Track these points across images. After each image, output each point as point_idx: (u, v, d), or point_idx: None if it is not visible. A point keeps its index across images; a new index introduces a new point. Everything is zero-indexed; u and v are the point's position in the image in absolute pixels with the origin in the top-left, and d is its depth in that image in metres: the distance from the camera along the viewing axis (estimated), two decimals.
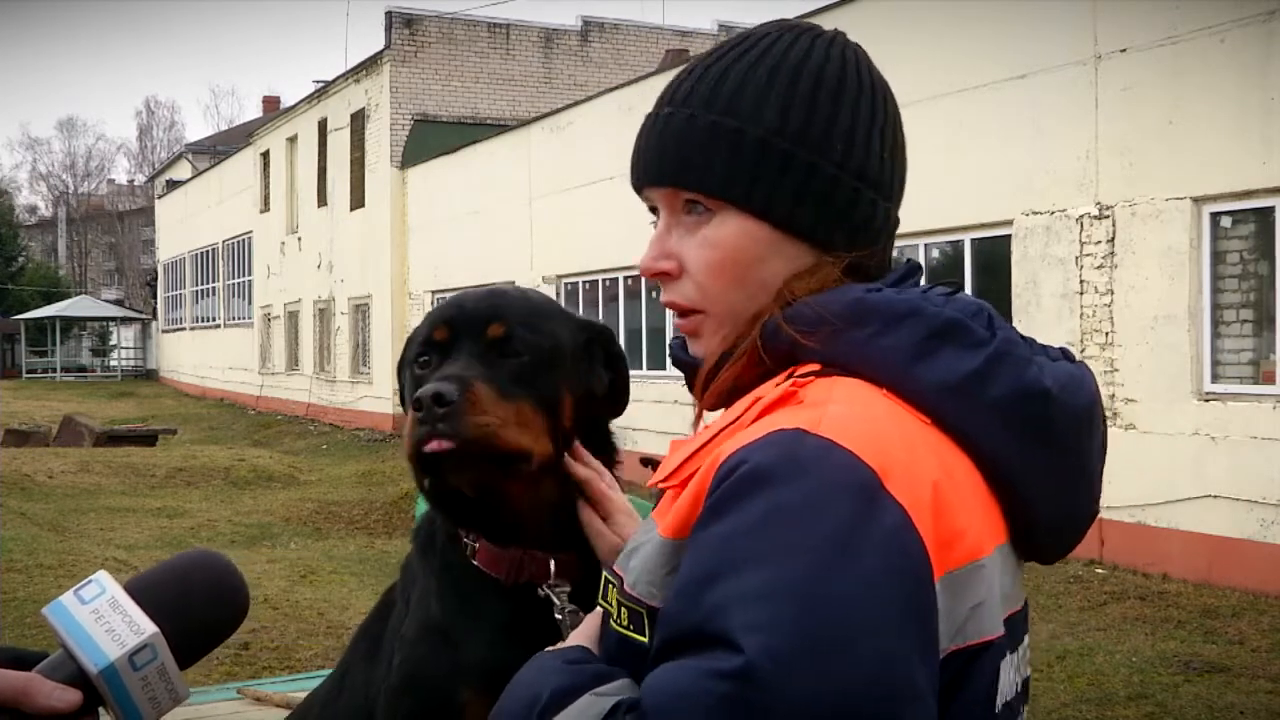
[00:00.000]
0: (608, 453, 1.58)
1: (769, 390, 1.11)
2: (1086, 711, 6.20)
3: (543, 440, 1.44)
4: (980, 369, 1.09)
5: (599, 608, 1.18)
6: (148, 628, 1.04)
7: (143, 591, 1.07)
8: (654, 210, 1.24)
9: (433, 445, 1.37)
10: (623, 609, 1.11)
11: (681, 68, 1.24)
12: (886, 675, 0.93)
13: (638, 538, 1.14)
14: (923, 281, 1.22)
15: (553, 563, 1.47)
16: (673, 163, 1.19)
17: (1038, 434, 1.11)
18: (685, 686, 0.93)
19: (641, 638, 1.07)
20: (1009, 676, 1.11)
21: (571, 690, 1.05)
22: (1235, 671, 6.82)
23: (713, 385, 1.18)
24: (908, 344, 1.09)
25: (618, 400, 1.60)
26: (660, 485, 1.14)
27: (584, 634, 1.19)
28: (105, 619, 1.04)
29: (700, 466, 1.08)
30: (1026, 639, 1.17)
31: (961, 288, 1.19)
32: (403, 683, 1.45)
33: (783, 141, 1.16)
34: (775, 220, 1.16)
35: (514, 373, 1.44)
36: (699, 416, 1.23)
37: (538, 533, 1.48)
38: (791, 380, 1.10)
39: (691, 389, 1.26)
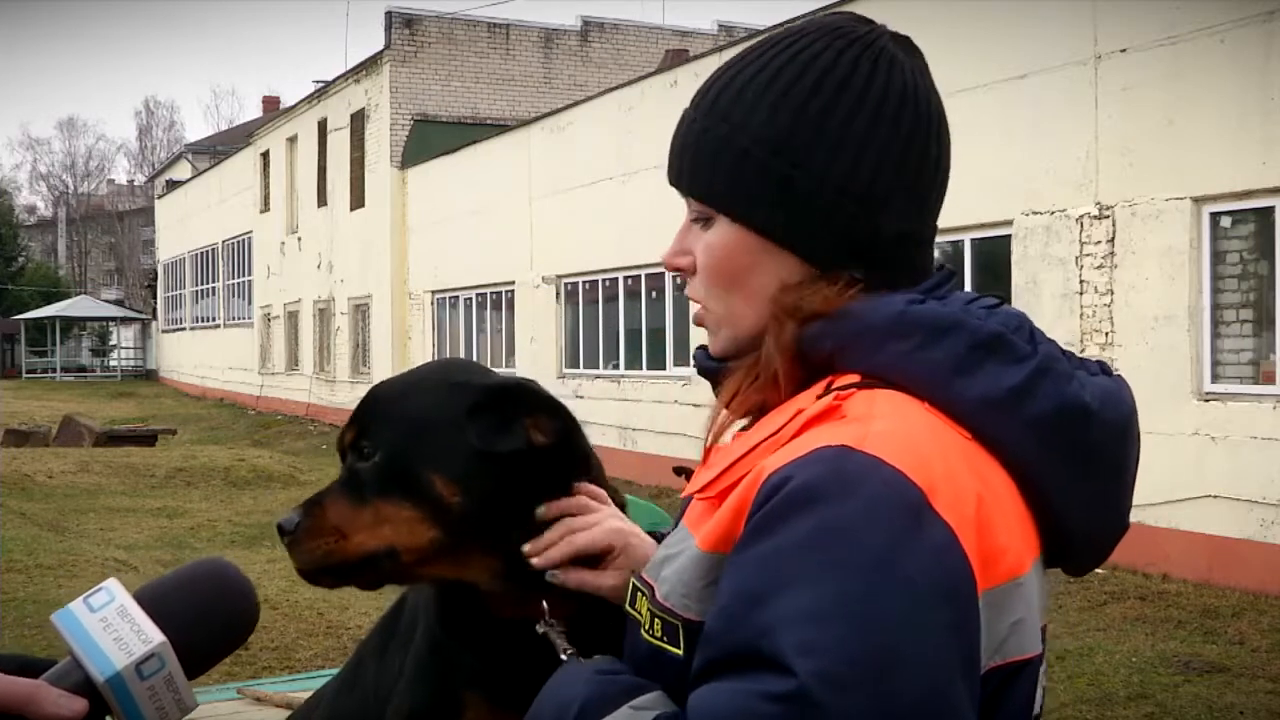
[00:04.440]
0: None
1: (808, 401, 1.09)
2: (1086, 711, 6.20)
3: (415, 531, 1.38)
4: (1023, 384, 1.08)
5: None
6: (155, 637, 1.03)
7: (152, 600, 1.06)
8: None
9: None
10: (655, 620, 1.09)
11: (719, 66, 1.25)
12: (933, 696, 0.93)
13: (670, 546, 1.13)
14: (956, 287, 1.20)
15: (545, 604, 1.42)
16: (676, 166, 1.21)
17: (1077, 450, 1.10)
18: (735, 708, 0.92)
19: (676, 650, 1.07)
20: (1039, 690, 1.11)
21: (605, 701, 1.04)
22: (1235, 671, 6.82)
23: (740, 398, 1.17)
24: (950, 357, 1.08)
25: (570, 454, 1.44)
26: (697, 496, 1.12)
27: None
28: (113, 627, 1.03)
29: (738, 478, 1.06)
30: (1046, 650, 1.17)
31: (1006, 300, 1.17)
32: (411, 681, 1.48)
33: (762, 151, 1.14)
34: (757, 229, 1.15)
35: (369, 474, 1.41)
36: (718, 422, 1.20)
37: (505, 591, 1.43)
38: (834, 394, 1.08)
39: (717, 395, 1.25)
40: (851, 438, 1.02)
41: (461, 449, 1.40)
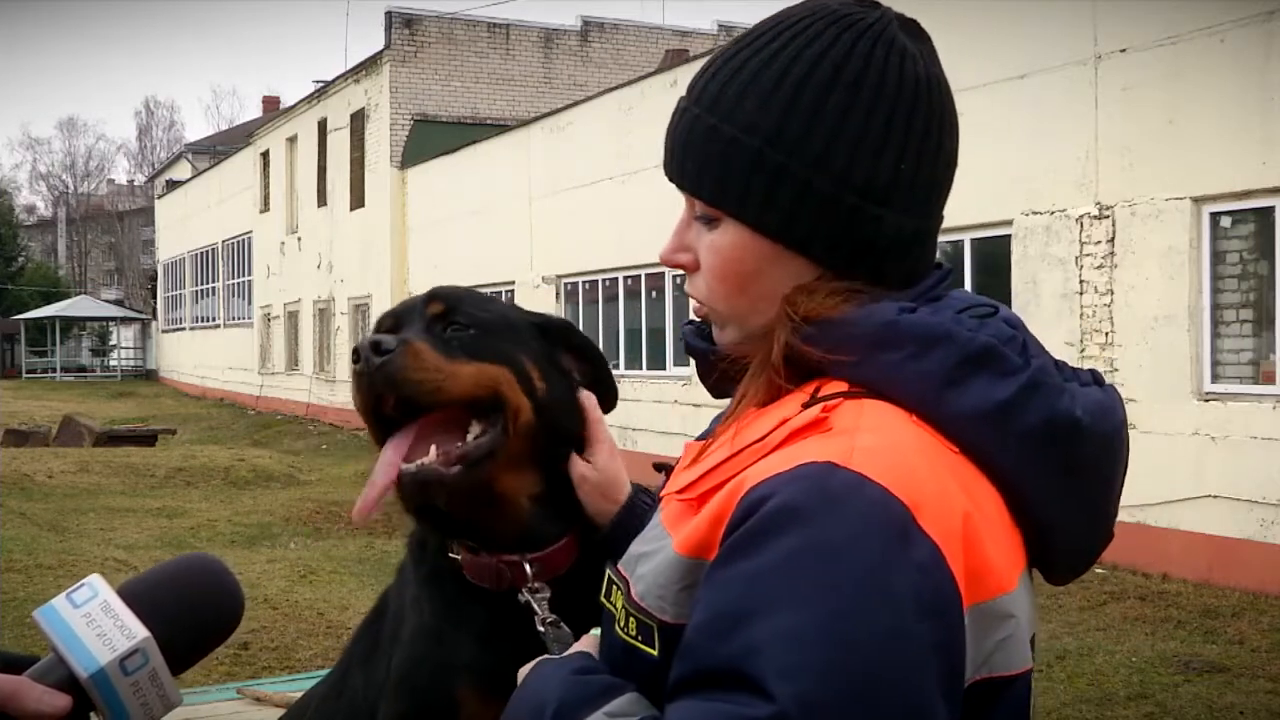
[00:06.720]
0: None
1: (793, 408, 1.07)
2: (1086, 711, 6.19)
3: (517, 393, 1.44)
4: (1013, 398, 1.06)
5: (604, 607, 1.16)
6: (139, 632, 1.03)
7: (136, 595, 1.06)
8: None
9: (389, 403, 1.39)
10: (630, 618, 1.09)
11: (713, 53, 1.20)
12: (914, 718, 0.93)
13: (646, 543, 1.12)
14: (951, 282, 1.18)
15: (528, 566, 1.44)
16: (678, 164, 1.17)
17: (1066, 465, 1.09)
18: None
19: (650, 650, 1.06)
20: None
21: (579, 704, 1.03)
22: (1235, 671, 6.82)
23: (754, 394, 1.15)
24: (940, 370, 1.06)
25: (602, 391, 1.59)
26: (676, 498, 1.11)
27: (589, 641, 1.18)
28: (97, 623, 1.03)
29: (719, 483, 1.05)
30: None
31: (998, 309, 1.14)
32: (401, 682, 1.47)
33: (777, 154, 1.10)
34: (770, 235, 1.12)
35: (461, 341, 1.45)
36: (736, 412, 1.17)
37: (518, 531, 1.46)
38: (821, 405, 1.06)
39: (702, 377, 1.25)
40: (837, 453, 1.00)
41: (541, 352, 1.51)
